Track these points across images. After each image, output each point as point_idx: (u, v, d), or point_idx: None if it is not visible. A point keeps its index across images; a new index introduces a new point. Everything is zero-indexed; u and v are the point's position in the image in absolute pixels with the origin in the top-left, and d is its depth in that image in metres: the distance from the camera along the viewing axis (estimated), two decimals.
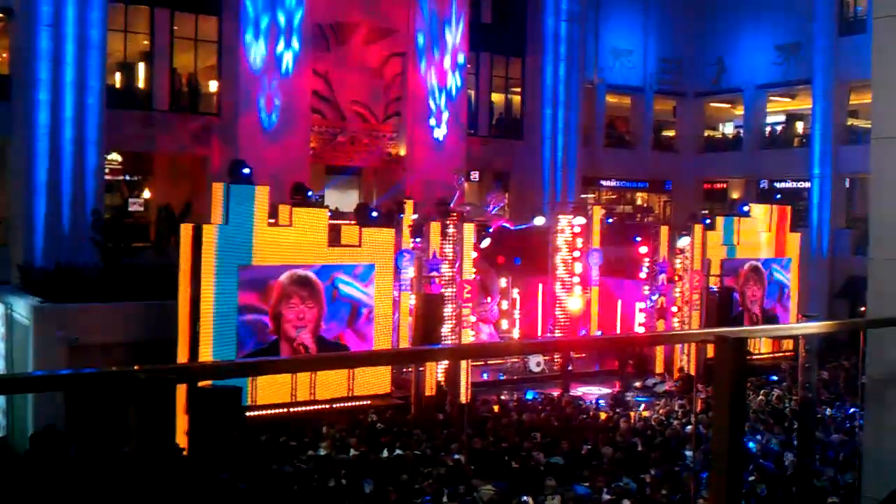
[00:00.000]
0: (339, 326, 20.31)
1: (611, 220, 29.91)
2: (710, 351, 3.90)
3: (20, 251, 23.67)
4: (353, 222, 21.49)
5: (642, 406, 21.02)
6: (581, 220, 27.06)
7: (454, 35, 31.12)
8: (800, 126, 39.99)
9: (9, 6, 24.95)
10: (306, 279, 19.81)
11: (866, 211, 7.63)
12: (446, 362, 21.05)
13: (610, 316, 27.75)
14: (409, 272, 21.49)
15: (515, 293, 27.77)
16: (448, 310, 22.11)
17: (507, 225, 27.70)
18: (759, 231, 28.13)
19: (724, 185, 42.52)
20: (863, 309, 7.71)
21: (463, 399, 21.01)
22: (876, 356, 6.74)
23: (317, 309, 19.95)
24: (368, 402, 20.12)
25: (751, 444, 16.19)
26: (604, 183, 40.37)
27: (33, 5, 23.79)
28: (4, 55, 26.57)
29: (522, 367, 25.72)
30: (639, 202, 43.13)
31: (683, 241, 26.70)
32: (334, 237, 20.43)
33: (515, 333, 27.33)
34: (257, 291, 19.18)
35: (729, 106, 43.38)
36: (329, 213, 20.82)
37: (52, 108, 23.92)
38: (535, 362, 25.52)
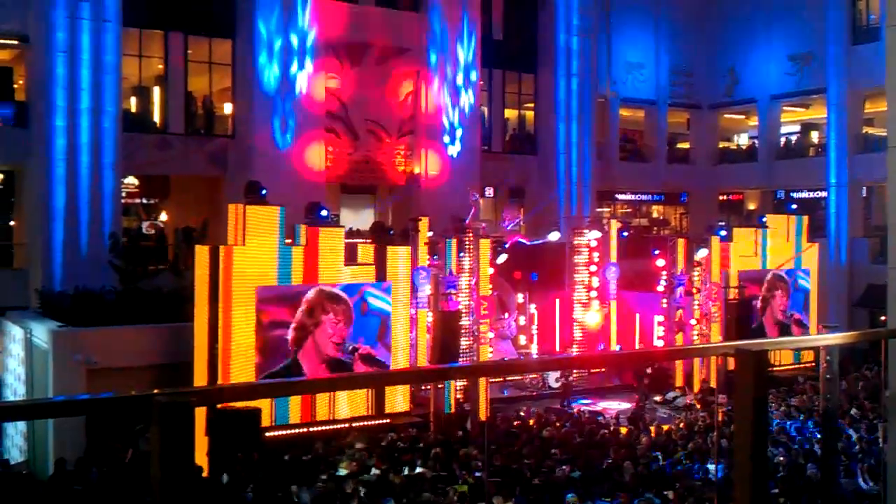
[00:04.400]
0: (368, 341, 20.32)
1: (627, 234, 29.79)
2: (731, 363, 3.87)
3: (39, 276, 23.81)
4: (368, 241, 21.53)
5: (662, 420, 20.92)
6: (597, 234, 27.02)
7: (466, 52, 31.20)
8: (815, 135, 39.82)
9: (24, 33, 25.22)
10: (336, 296, 19.88)
11: (884, 219, 7.58)
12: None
13: (628, 330, 27.65)
14: (426, 289, 21.48)
15: (533, 308, 27.72)
16: (465, 325, 22.09)
17: (523, 240, 27.65)
18: (778, 241, 27.99)
19: (741, 197, 42.32)
20: (883, 318, 7.64)
21: (482, 416, 20.94)
22: None
23: (346, 326, 20.06)
24: (388, 420, 20.09)
25: (774, 455, 16.06)
26: (619, 196, 40.27)
27: (49, 32, 24.04)
28: (21, 82, 26.81)
29: (542, 383, 25.64)
30: (655, 215, 42.97)
31: (701, 253, 26.61)
32: (350, 256, 20.47)
33: (534, 349, 27.26)
34: (287, 306, 19.23)
35: (743, 117, 43.26)
36: (345, 232, 20.88)
37: (68, 133, 24.13)
38: (555, 378, 25.44)
